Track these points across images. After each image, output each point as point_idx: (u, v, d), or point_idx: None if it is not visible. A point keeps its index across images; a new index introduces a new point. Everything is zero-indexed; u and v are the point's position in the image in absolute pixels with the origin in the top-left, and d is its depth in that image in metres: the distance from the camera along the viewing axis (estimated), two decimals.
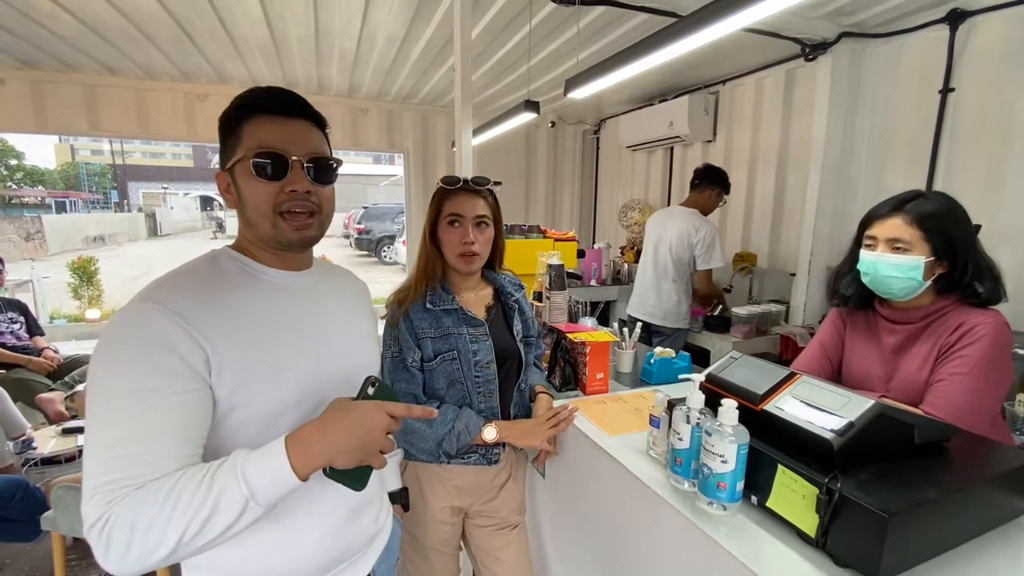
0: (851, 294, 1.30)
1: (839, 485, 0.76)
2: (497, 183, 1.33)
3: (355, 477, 0.72)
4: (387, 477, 1.18)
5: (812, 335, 1.75)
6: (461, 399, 1.28)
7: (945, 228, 1.13)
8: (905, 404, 1.13)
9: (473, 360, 1.27)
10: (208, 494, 0.62)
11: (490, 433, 1.26)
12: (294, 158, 0.76)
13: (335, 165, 0.83)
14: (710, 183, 2.88)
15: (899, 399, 1.18)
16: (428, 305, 1.26)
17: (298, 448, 0.65)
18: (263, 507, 0.64)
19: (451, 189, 1.27)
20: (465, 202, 1.26)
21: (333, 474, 0.69)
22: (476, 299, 1.36)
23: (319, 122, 0.84)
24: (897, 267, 1.14)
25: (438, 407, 1.23)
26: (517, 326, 1.38)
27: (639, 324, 1.97)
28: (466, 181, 1.28)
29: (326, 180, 0.81)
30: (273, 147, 0.75)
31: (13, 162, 28.03)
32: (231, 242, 0.85)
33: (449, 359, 1.25)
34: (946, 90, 2.46)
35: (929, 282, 1.15)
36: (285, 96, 0.79)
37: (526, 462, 1.51)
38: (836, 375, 1.40)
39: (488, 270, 1.40)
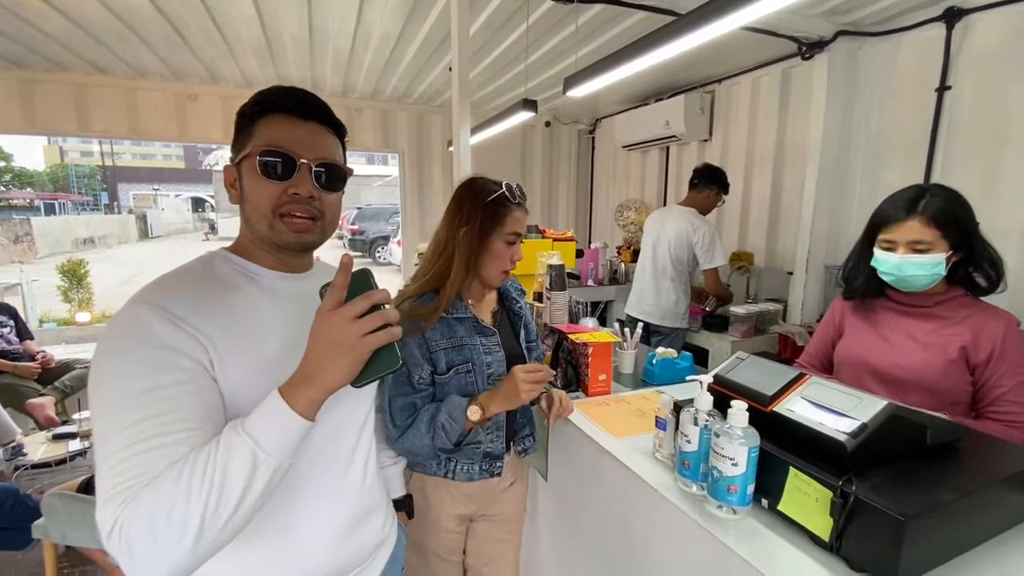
0: (868, 289, 1.34)
1: (854, 488, 0.75)
2: None
3: (380, 365, 0.66)
4: (391, 484, 1.16)
5: (810, 334, 1.78)
6: None
7: (958, 220, 1.18)
8: (905, 380, 1.23)
9: (487, 372, 1.21)
10: (216, 458, 0.60)
11: (474, 413, 1.13)
12: (302, 161, 0.74)
13: (345, 174, 0.81)
14: (708, 183, 2.88)
15: (899, 376, 1.25)
16: (442, 313, 1.18)
17: (291, 393, 0.63)
18: (275, 456, 0.61)
19: (515, 204, 1.21)
20: (523, 221, 1.23)
21: (361, 383, 0.65)
22: (483, 305, 1.31)
23: (337, 129, 0.82)
24: (922, 266, 1.19)
25: (419, 413, 1.16)
26: (523, 333, 1.35)
27: (640, 324, 1.96)
28: (523, 196, 1.24)
29: (333, 188, 0.79)
30: (282, 147, 0.74)
31: (1, 164, 27.71)
32: (224, 244, 0.83)
33: (463, 372, 1.19)
34: (943, 88, 2.46)
35: (946, 271, 1.21)
36: (305, 97, 0.77)
37: (528, 466, 1.49)
38: (831, 365, 1.44)
39: None
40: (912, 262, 1.19)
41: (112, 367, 0.64)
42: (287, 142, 0.74)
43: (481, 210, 1.19)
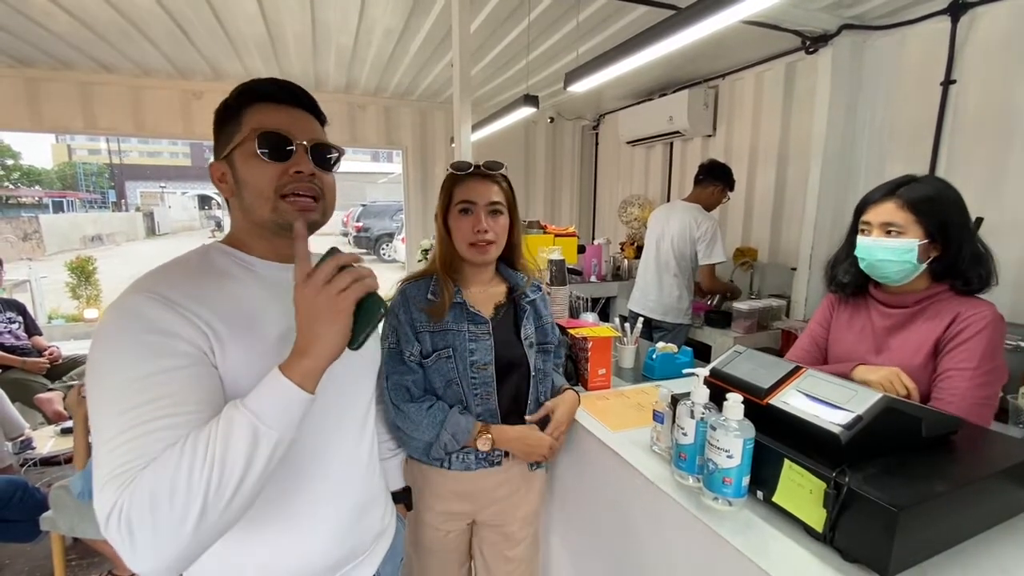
0: (848, 280, 1.31)
1: (847, 479, 0.75)
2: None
3: (368, 316, 0.67)
4: (390, 476, 1.17)
5: None
6: (458, 401, 1.21)
7: (937, 210, 1.14)
8: None
9: (469, 360, 1.18)
10: (217, 434, 0.60)
11: (484, 444, 1.18)
12: (298, 141, 0.76)
13: (337, 154, 0.83)
14: (714, 179, 2.86)
15: None
16: (430, 296, 1.19)
17: (289, 367, 0.64)
18: (276, 429, 0.61)
19: (461, 175, 1.19)
20: (477, 188, 1.18)
21: (357, 343, 0.67)
22: (485, 295, 1.27)
23: (319, 117, 0.84)
24: (891, 250, 1.15)
25: (429, 407, 1.17)
26: (527, 330, 1.27)
27: (640, 319, 1.97)
28: (477, 166, 1.20)
29: (329, 167, 0.81)
30: (278, 129, 0.75)
31: (10, 162, 27.99)
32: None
33: (444, 357, 1.18)
34: (948, 82, 2.44)
35: (924, 265, 1.17)
36: (288, 85, 0.79)
37: (543, 481, 1.41)
38: (825, 363, 1.41)
39: (505, 266, 1.31)
40: (882, 245, 1.16)
41: (110, 353, 0.63)
42: (280, 125, 0.75)
43: (442, 191, 1.23)
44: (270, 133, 0.74)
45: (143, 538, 0.56)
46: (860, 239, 1.21)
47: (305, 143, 0.76)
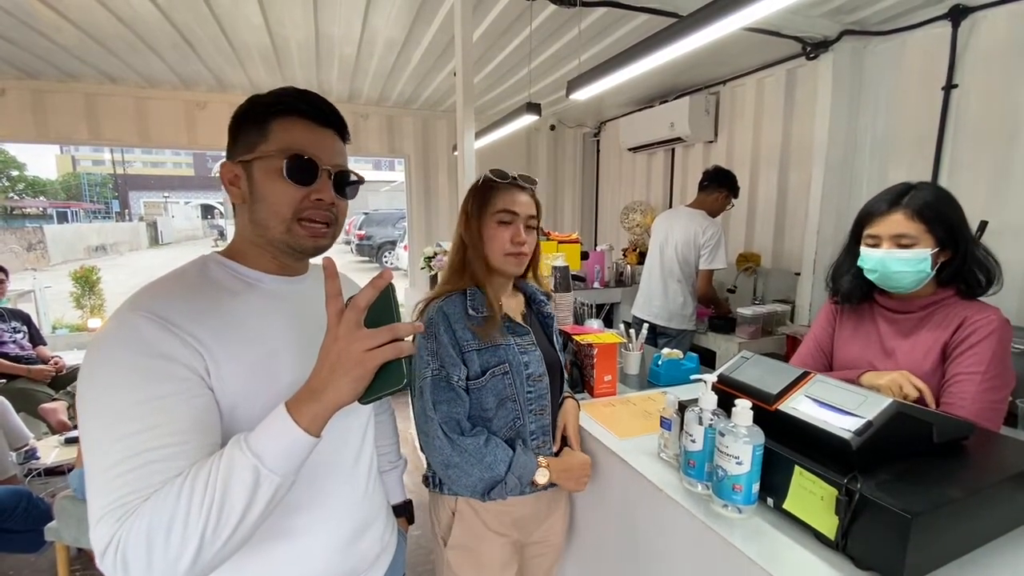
0: (852, 291, 1.30)
1: (859, 486, 0.75)
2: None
3: (385, 382, 0.63)
4: (391, 489, 1.14)
5: None
6: (512, 419, 1.15)
7: (944, 216, 1.14)
8: None
9: (525, 373, 1.14)
10: (218, 474, 0.58)
11: (542, 476, 1.13)
12: (324, 167, 0.75)
13: (358, 181, 0.82)
14: (718, 185, 2.87)
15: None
16: (470, 311, 1.13)
17: (297, 409, 0.61)
18: (278, 474, 0.59)
19: (502, 183, 1.17)
20: (519, 199, 1.16)
21: (367, 400, 0.64)
22: (513, 306, 1.24)
23: (343, 135, 0.83)
24: (906, 262, 1.14)
25: (486, 440, 1.10)
26: (556, 335, 1.30)
27: (646, 325, 1.96)
28: (514, 177, 1.18)
29: (347, 194, 0.80)
30: (307, 152, 0.74)
31: (15, 173, 28.20)
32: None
33: (500, 374, 1.12)
34: (949, 87, 2.45)
35: (934, 272, 1.16)
36: (321, 103, 0.78)
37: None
38: (831, 369, 1.40)
39: (518, 277, 1.28)
40: (896, 257, 1.15)
41: (106, 376, 0.62)
42: (310, 147, 0.74)
43: (472, 195, 1.19)
44: (300, 156, 0.73)
45: (137, 575, 0.56)
46: (869, 252, 1.20)
47: (330, 169, 0.76)
